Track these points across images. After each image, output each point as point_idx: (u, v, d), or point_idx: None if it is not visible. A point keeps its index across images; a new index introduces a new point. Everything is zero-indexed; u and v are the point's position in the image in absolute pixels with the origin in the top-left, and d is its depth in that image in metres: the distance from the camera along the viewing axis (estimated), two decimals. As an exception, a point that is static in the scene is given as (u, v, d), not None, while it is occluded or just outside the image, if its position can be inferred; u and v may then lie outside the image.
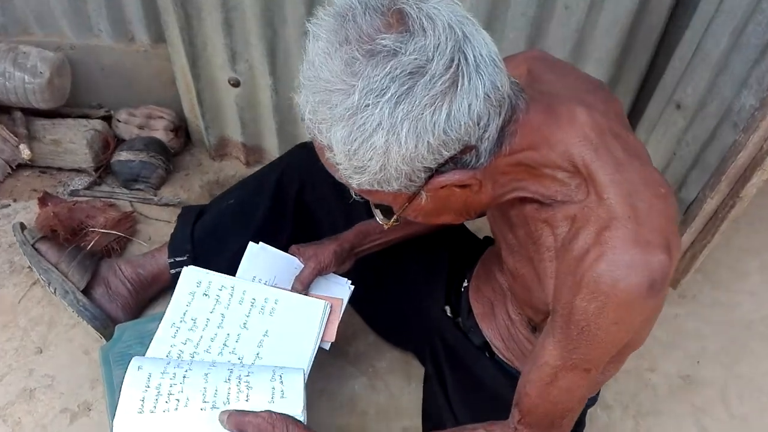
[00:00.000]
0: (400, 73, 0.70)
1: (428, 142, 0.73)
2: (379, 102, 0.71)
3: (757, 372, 1.68)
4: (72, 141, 1.88)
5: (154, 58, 1.92)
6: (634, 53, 1.62)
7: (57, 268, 1.55)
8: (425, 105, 0.71)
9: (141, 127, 1.98)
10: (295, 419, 1.03)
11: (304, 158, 1.42)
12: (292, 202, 1.45)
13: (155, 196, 1.91)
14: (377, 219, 0.95)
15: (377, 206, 0.93)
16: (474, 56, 0.72)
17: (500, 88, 0.75)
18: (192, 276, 1.26)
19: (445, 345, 1.33)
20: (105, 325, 1.51)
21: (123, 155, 1.89)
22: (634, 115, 1.69)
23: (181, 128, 2.03)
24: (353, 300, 1.57)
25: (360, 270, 1.41)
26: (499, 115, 0.78)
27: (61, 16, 1.86)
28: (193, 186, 1.97)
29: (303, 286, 1.28)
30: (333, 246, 1.31)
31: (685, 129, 1.54)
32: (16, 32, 1.93)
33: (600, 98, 0.93)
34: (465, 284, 1.37)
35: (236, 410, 1.04)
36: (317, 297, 1.29)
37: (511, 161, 0.84)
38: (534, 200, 0.90)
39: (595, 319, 0.83)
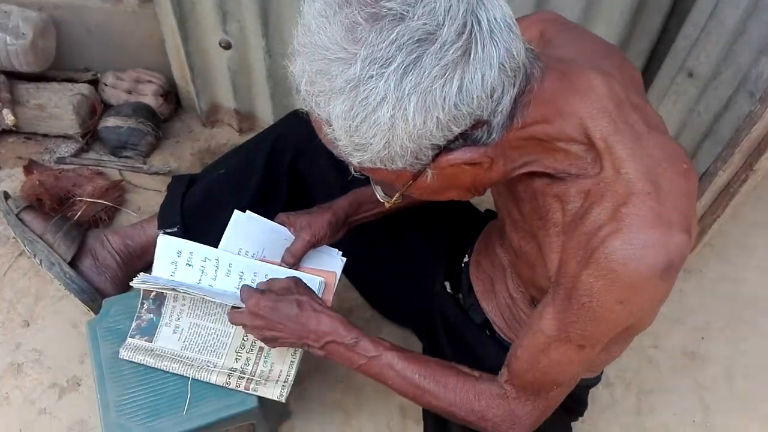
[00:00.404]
0: (408, 40, 0.64)
1: (437, 117, 0.67)
2: (384, 73, 0.64)
3: (762, 349, 1.66)
4: (57, 106, 1.82)
5: (143, 19, 1.85)
6: (646, 16, 1.56)
7: (42, 239, 1.51)
8: (435, 76, 0.65)
9: (129, 92, 1.93)
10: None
11: (298, 126, 1.36)
12: (285, 171, 1.40)
13: (144, 164, 1.87)
14: (378, 196, 0.89)
15: (378, 183, 0.88)
16: (488, 20, 0.66)
17: (516, 56, 0.69)
18: (170, 245, 1.19)
19: (445, 322, 1.30)
20: (93, 298, 1.47)
21: (111, 121, 1.84)
22: (644, 83, 1.63)
23: (171, 93, 1.98)
24: (350, 274, 1.54)
25: (358, 244, 1.37)
26: (514, 85, 0.71)
27: (44, -26, 1.79)
28: (184, 154, 1.92)
29: (295, 259, 1.22)
30: (327, 216, 1.24)
31: (697, 98, 1.49)
32: (-3, -9, 1.86)
33: (617, 65, 0.88)
34: (466, 259, 1.33)
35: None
36: (309, 270, 1.23)
37: (522, 135, 0.78)
38: (545, 174, 0.85)
39: (599, 296, 0.79)
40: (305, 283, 1.10)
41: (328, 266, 1.25)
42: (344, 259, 1.26)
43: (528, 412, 0.96)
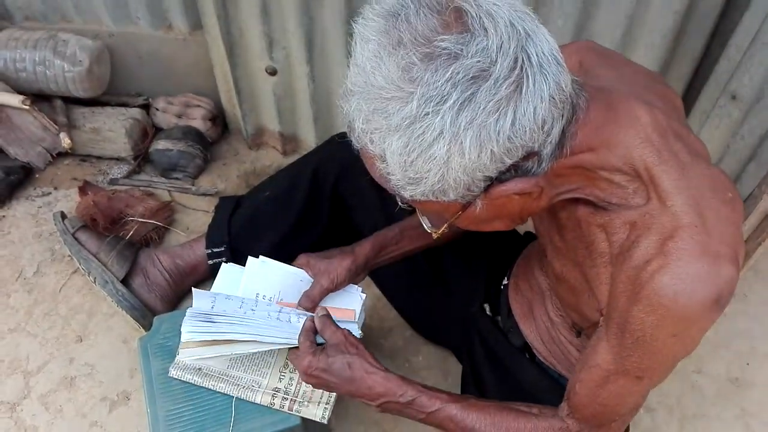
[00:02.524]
0: (462, 78, 0.65)
1: (492, 150, 0.68)
2: (440, 110, 0.66)
3: None
4: (111, 129, 1.89)
5: (192, 46, 1.92)
6: (687, 39, 1.55)
7: (97, 258, 1.56)
8: (489, 111, 0.66)
9: (179, 116, 1.99)
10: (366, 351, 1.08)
11: (340, 150, 1.40)
12: (327, 194, 1.43)
13: (193, 185, 1.92)
14: (425, 227, 0.91)
15: (426, 214, 0.89)
16: (537, 55, 0.67)
17: (564, 88, 0.70)
18: (205, 295, 1.21)
19: (484, 344, 1.30)
20: (143, 315, 1.52)
21: (161, 144, 1.90)
22: (686, 105, 1.62)
23: (218, 117, 2.03)
24: (390, 296, 1.55)
25: (398, 266, 1.38)
26: (562, 117, 0.73)
27: (100, 4, 1.87)
28: (231, 175, 1.97)
29: (312, 304, 1.22)
30: (347, 263, 1.24)
31: (741, 121, 1.47)
32: (55, 20, 1.95)
33: (659, 94, 0.88)
34: (505, 282, 1.33)
35: (328, 314, 1.11)
36: (329, 310, 1.20)
37: (568, 163, 0.79)
38: (588, 202, 0.85)
39: (651, 330, 0.79)
40: (355, 337, 1.09)
41: (348, 304, 1.26)
42: (364, 295, 1.27)
43: None
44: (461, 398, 1.04)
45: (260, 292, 1.23)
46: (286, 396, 1.17)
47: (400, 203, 0.83)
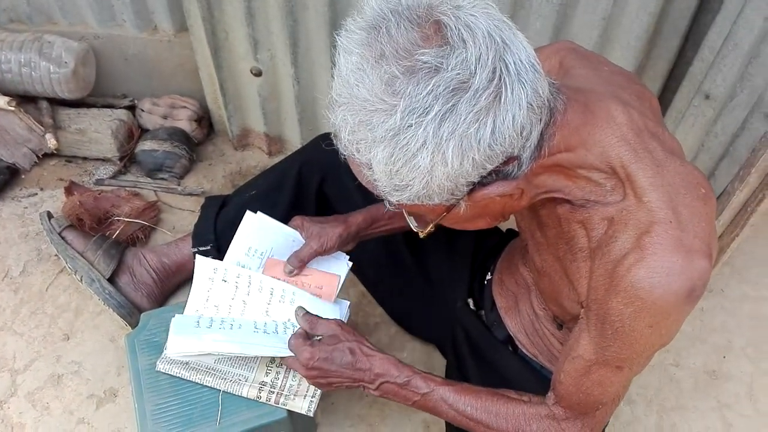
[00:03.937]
0: (444, 90, 0.67)
1: (473, 158, 0.71)
2: (422, 122, 0.68)
3: None
4: (97, 130, 1.90)
5: (178, 48, 1.93)
6: (662, 41, 1.59)
7: (83, 256, 1.57)
8: (470, 122, 0.68)
9: (164, 117, 2.00)
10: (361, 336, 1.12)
11: (325, 151, 1.40)
12: (313, 194, 1.45)
13: (179, 185, 1.93)
14: (412, 227, 0.93)
15: (412, 215, 0.92)
16: (515, 63, 0.69)
17: (541, 94, 0.73)
18: (207, 264, 1.26)
19: (468, 338, 1.33)
20: (130, 313, 1.53)
21: (147, 145, 1.91)
22: (662, 105, 1.66)
23: (204, 118, 2.04)
24: (375, 291, 1.57)
25: (383, 261, 1.41)
26: (540, 121, 0.75)
27: (85, 6, 1.89)
28: (216, 176, 1.99)
29: (300, 264, 1.26)
30: (339, 230, 1.27)
31: (714, 120, 1.51)
32: (40, 21, 1.96)
33: (635, 93, 0.91)
34: (488, 277, 1.36)
35: (309, 313, 1.14)
36: (314, 272, 1.27)
37: (546, 163, 0.82)
38: (566, 201, 0.88)
39: (630, 322, 0.82)
40: (345, 325, 1.13)
41: (333, 269, 1.30)
42: (351, 263, 1.31)
43: (578, 429, 1.00)
44: (455, 382, 1.07)
45: (252, 246, 1.27)
46: (272, 389, 1.18)
47: (387, 206, 0.84)
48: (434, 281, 1.42)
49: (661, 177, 0.81)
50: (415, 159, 0.70)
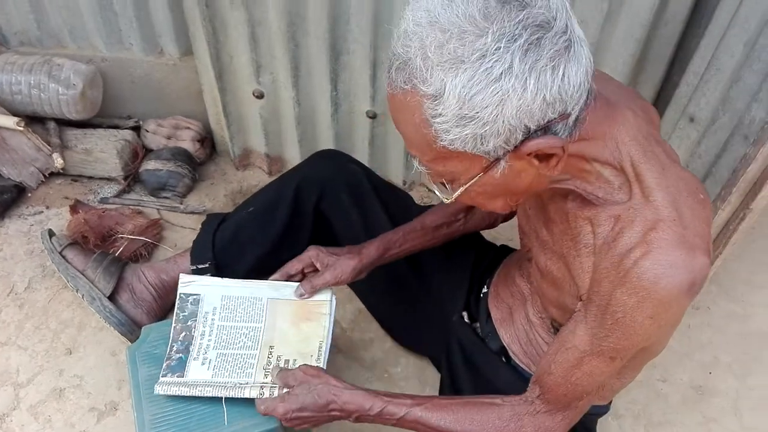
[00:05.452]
0: (531, 23, 0.72)
1: (544, 96, 0.74)
2: (510, 47, 0.71)
3: None
4: (103, 150, 1.96)
5: (183, 71, 1.99)
6: (649, 66, 1.65)
7: (84, 275, 1.61)
8: (549, 58, 0.73)
9: (169, 138, 2.05)
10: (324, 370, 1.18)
11: (323, 168, 1.46)
12: (310, 212, 1.48)
13: (181, 204, 1.98)
14: (438, 193, 0.94)
15: (442, 178, 0.93)
16: (576, 29, 0.76)
17: (592, 64, 0.79)
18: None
19: (462, 350, 1.36)
20: (130, 330, 1.57)
21: (151, 164, 1.97)
22: (649, 128, 1.71)
23: (207, 139, 2.10)
24: (371, 306, 1.61)
25: (380, 276, 1.44)
26: (588, 92, 0.80)
27: (93, 30, 1.95)
28: (218, 195, 2.04)
29: (312, 291, 1.32)
30: (353, 262, 1.32)
31: (698, 141, 1.56)
32: (50, 45, 2.02)
33: (640, 107, 0.97)
34: (484, 290, 1.40)
35: (282, 368, 1.20)
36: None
37: (572, 150, 0.86)
38: (576, 196, 0.93)
39: (632, 311, 0.86)
40: (315, 366, 1.19)
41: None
42: (335, 301, 1.35)
43: (558, 422, 1.04)
44: (425, 400, 1.10)
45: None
46: (273, 385, 1.20)
47: (417, 166, 0.88)
48: (433, 296, 1.46)
49: (665, 179, 0.87)
50: (496, 83, 0.73)
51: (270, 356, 1.25)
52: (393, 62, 0.79)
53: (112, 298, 1.58)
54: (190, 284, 1.33)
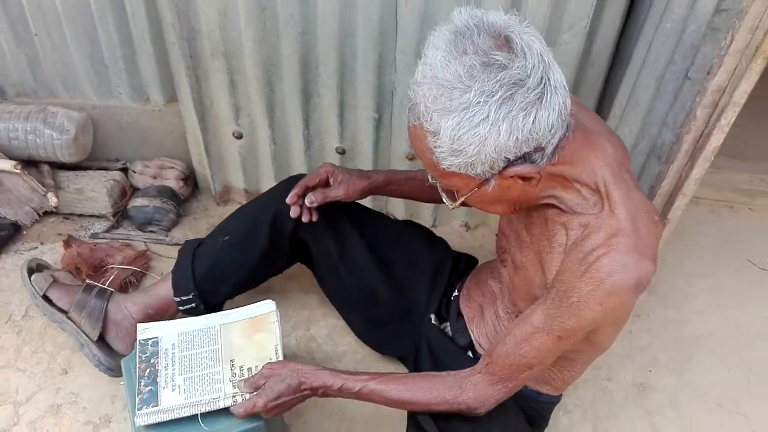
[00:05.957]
0: (507, 82, 0.90)
1: (517, 137, 0.93)
2: (488, 101, 0.91)
3: (702, 379, 1.82)
4: (93, 190, 2.07)
5: (167, 116, 2.12)
6: (582, 100, 1.80)
7: (69, 318, 1.65)
8: (520, 109, 0.91)
9: (154, 177, 2.17)
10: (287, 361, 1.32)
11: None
12: (287, 240, 1.55)
13: (167, 237, 2.09)
14: (444, 200, 1.15)
15: (444, 191, 1.15)
16: (554, 80, 0.94)
17: (567, 108, 0.97)
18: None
19: (430, 347, 1.49)
20: (120, 372, 1.57)
21: (138, 201, 2.08)
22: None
23: (190, 177, 2.22)
24: (344, 309, 1.71)
25: (353, 283, 1.58)
26: (562, 128, 0.99)
27: (85, 81, 2.08)
28: (200, 228, 2.15)
29: (323, 199, 1.45)
30: (364, 183, 1.48)
31: (626, 166, 1.76)
32: (45, 95, 2.14)
33: (616, 140, 1.18)
34: (455, 294, 1.55)
35: (246, 378, 1.31)
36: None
37: (554, 171, 1.06)
38: (556, 207, 1.13)
39: (585, 297, 1.04)
40: (278, 360, 1.35)
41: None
42: (278, 312, 1.46)
43: (496, 390, 1.19)
44: (380, 375, 1.27)
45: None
46: (244, 393, 1.31)
47: (429, 179, 1.10)
48: (405, 300, 1.59)
49: (629, 199, 1.07)
50: (477, 128, 0.92)
51: (233, 368, 1.37)
52: (408, 103, 1.00)
53: (100, 336, 1.63)
54: (146, 330, 1.44)
